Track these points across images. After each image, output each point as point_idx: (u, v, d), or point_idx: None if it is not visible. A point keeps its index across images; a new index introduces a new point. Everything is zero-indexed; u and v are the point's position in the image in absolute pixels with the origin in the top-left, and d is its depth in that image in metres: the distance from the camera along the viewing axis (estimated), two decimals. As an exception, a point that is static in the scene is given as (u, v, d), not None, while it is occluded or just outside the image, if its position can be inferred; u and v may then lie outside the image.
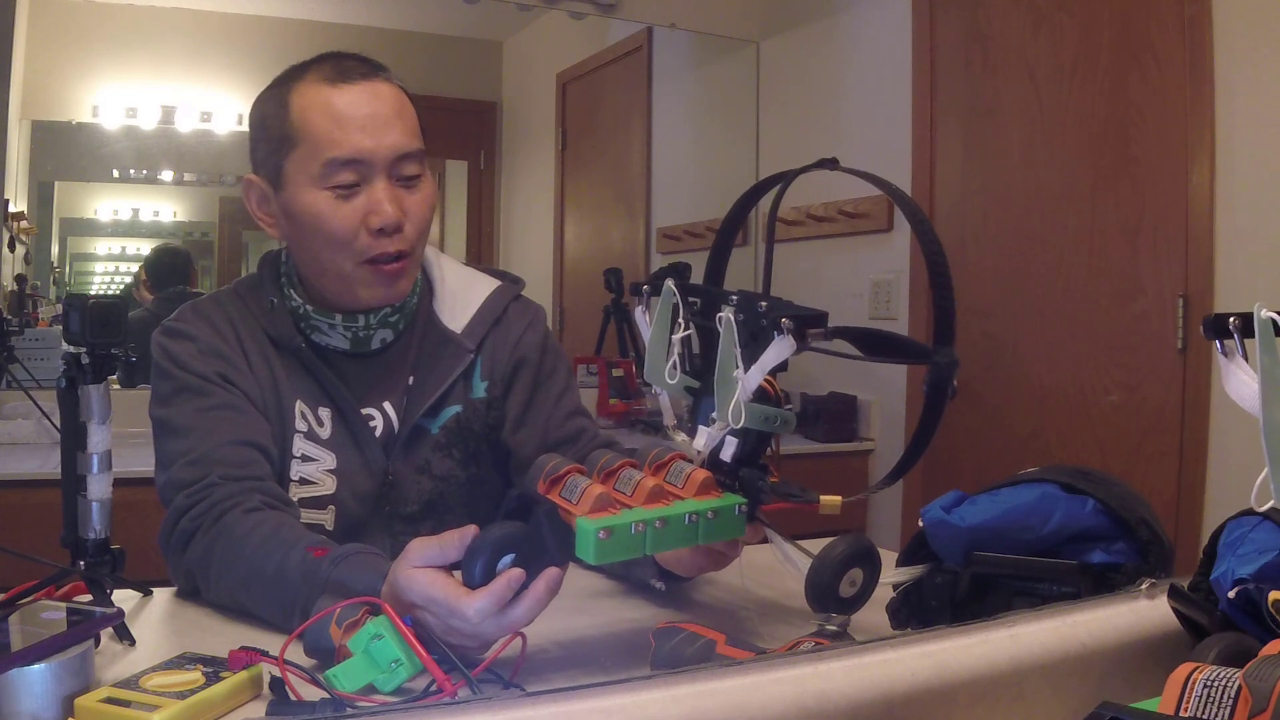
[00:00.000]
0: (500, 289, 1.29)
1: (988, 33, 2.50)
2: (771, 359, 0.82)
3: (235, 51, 2.92)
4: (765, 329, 0.83)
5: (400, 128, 1.12)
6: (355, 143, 1.10)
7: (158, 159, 2.87)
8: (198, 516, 1.02)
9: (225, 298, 1.22)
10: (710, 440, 0.87)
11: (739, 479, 0.87)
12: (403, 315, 1.21)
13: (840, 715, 0.62)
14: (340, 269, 1.14)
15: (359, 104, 1.11)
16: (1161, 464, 2.07)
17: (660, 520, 0.78)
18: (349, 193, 1.11)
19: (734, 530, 0.84)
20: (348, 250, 1.12)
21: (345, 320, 1.18)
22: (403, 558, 0.82)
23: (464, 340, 1.22)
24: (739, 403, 0.82)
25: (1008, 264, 2.44)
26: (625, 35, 3.38)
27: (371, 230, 1.11)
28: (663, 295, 0.89)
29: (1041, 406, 2.35)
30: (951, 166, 2.60)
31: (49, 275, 2.76)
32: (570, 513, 0.77)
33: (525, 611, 0.78)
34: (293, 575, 0.92)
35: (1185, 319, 2.03)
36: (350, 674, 0.74)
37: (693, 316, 0.90)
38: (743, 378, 0.82)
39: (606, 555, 0.76)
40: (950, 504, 0.89)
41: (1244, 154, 1.94)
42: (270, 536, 0.97)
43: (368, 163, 1.11)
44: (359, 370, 1.20)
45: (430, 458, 1.21)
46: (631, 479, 0.81)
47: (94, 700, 0.68)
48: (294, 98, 1.12)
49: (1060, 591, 0.84)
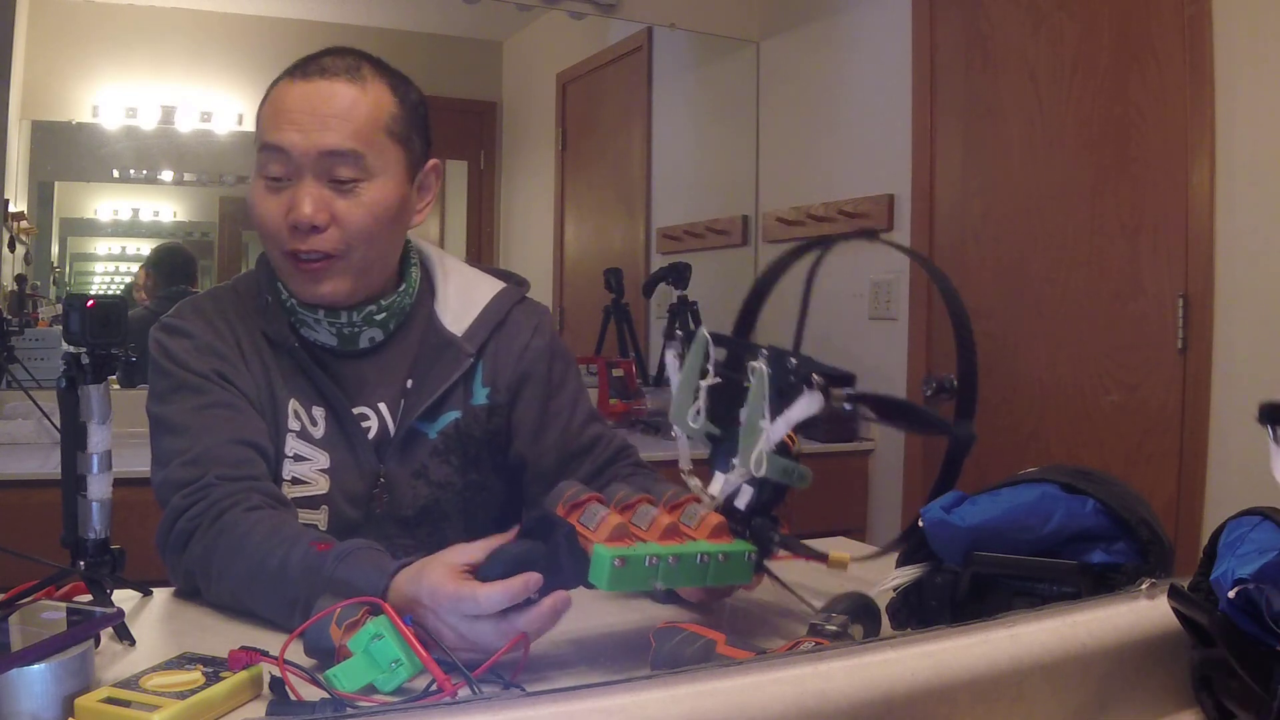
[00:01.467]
0: (504, 291, 1.27)
1: (988, 33, 2.50)
2: (799, 413, 0.85)
3: (235, 51, 2.92)
4: (793, 384, 0.86)
5: (338, 126, 1.10)
6: (283, 135, 1.10)
7: (158, 159, 2.87)
8: (196, 516, 1.02)
9: (223, 294, 1.22)
10: (727, 487, 0.89)
11: (750, 527, 0.90)
12: (391, 314, 1.20)
13: (840, 715, 0.62)
14: (274, 259, 1.16)
15: (302, 99, 1.11)
16: (1161, 464, 2.07)
17: (674, 556, 0.81)
18: (278, 185, 1.12)
19: (742, 576, 0.88)
20: (274, 241, 1.14)
21: (329, 316, 1.17)
22: (435, 557, 0.84)
23: (464, 344, 1.21)
24: (762, 452, 0.85)
25: (1008, 264, 2.44)
26: (625, 35, 3.38)
27: (289, 225, 1.12)
28: (695, 343, 0.92)
29: (1041, 406, 2.35)
30: (951, 166, 2.60)
31: (49, 275, 2.76)
32: (587, 539, 0.80)
33: (527, 623, 0.78)
34: (295, 571, 0.92)
35: (1185, 319, 2.03)
36: (350, 674, 0.74)
37: (720, 368, 0.93)
38: (768, 428, 0.85)
39: (619, 584, 0.79)
40: (950, 504, 0.89)
41: (1244, 154, 1.94)
42: (272, 534, 0.97)
43: (292, 157, 1.10)
44: (353, 369, 1.20)
45: (427, 463, 1.20)
46: (648, 514, 0.84)
47: (94, 700, 0.68)
48: (269, 91, 1.15)
49: (1060, 591, 0.84)
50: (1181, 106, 2.03)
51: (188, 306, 1.20)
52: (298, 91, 1.12)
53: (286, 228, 1.12)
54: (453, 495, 1.22)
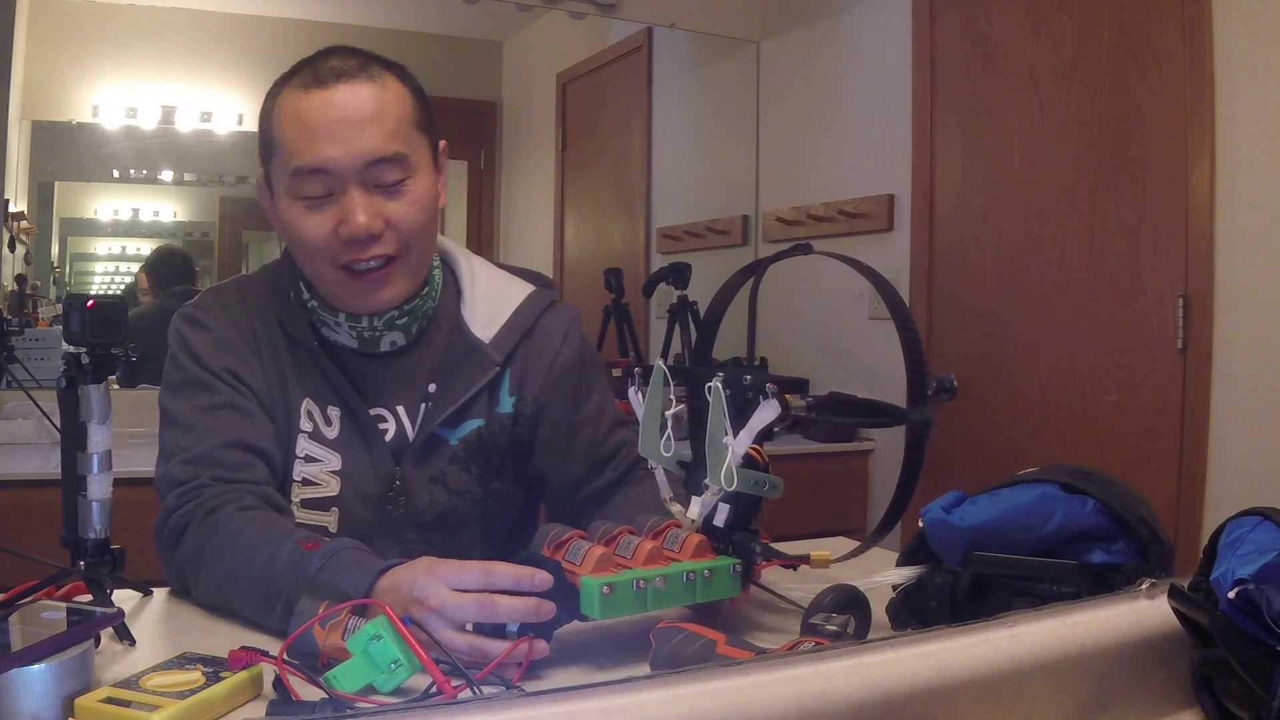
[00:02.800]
0: (533, 295, 1.24)
1: (988, 33, 2.50)
2: (758, 423, 0.89)
3: (235, 51, 2.92)
4: (751, 400, 0.90)
5: (375, 132, 1.07)
6: (321, 152, 1.05)
7: (158, 159, 2.86)
8: (187, 514, 1.03)
9: (249, 285, 1.20)
10: (704, 507, 0.93)
11: (732, 543, 0.92)
12: (413, 319, 1.17)
13: (840, 715, 0.62)
14: (322, 275, 1.12)
15: (328, 110, 1.06)
16: (1161, 464, 2.07)
17: (660, 579, 0.84)
18: (320, 202, 1.08)
19: (729, 589, 0.90)
20: (324, 256, 1.10)
21: (349, 320, 1.15)
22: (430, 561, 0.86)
23: (491, 351, 1.19)
24: (730, 467, 0.88)
25: (1008, 264, 2.44)
26: (625, 35, 3.38)
27: (343, 239, 1.08)
28: (654, 375, 0.95)
29: (1041, 406, 2.35)
30: (951, 166, 2.60)
31: (49, 275, 2.76)
32: (575, 573, 0.83)
33: (509, 609, 0.80)
34: (281, 568, 0.92)
35: (1185, 319, 2.03)
36: (350, 674, 0.74)
37: (682, 396, 0.98)
38: (732, 443, 0.89)
39: (610, 611, 0.82)
40: (950, 504, 0.89)
41: (1244, 154, 1.94)
42: (262, 532, 0.97)
43: (335, 172, 1.06)
44: (374, 371, 1.18)
45: (446, 470, 1.18)
46: (631, 544, 0.88)
47: (94, 700, 0.68)
48: (276, 103, 1.10)
49: (1060, 591, 0.84)
50: (1181, 106, 2.03)
51: (211, 296, 1.19)
52: (320, 102, 1.06)
53: (339, 243, 1.08)
54: (471, 503, 1.20)
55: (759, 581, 0.97)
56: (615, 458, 1.25)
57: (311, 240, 1.09)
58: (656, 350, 3.22)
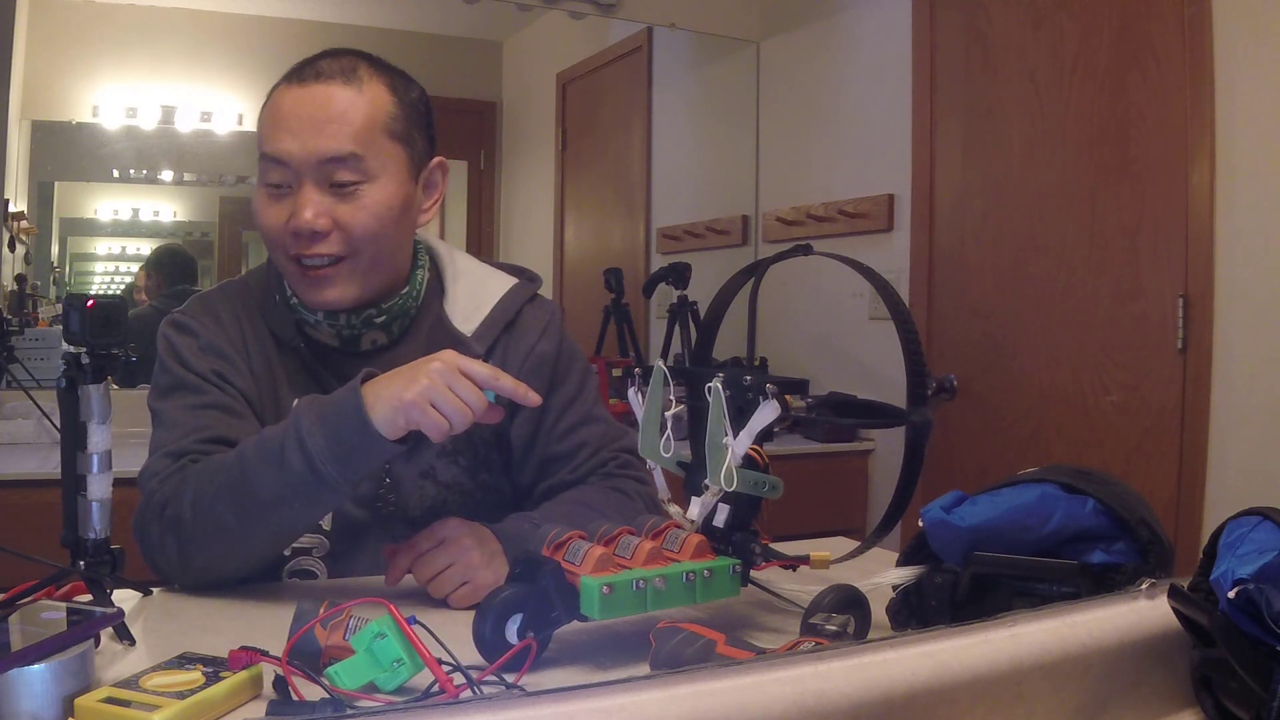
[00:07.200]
0: (515, 289, 1.26)
1: (988, 33, 2.50)
2: (759, 423, 0.88)
3: (235, 51, 2.92)
4: (751, 400, 0.90)
5: (334, 132, 1.10)
6: (280, 143, 1.10)
7: (158, 159, 2.87)
8: (168, 492, 1.04)
9: (235, 290, 1.23)
10: (704, 508, 0.92)
11: (732, 543, 0.93)
12: (392, 317, 1.19)
13: (840, 715, 0.62)
14: (281, 265, 1.17)
15: (298, 106, 1.11)
16: (1161, 464, 2.07)
17: (660, 579, 0.84)
18: (279, 192, 1.12)
19: (730, 590, 0.90)
20: (278, 246, 1.14)
21: (328, 318, 1.17)
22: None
23: (473, 344, 1.20)
24: (730, 468, 0.88)
25: (1008, 264, 2.44)
26: (625, 35, 3.38)
27: (290, 232, 1.11)
28: (654, 376, 0.95)
29: (1041, 406, 2.35)
30: (951, 166, 2.60)
31: (49, 275, 2.76)
32: (574, 573, 0.83)
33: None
34: (270, 433, 1.00)
35: (1185, 319, 2.03)
36: (352, 672, 0.74)
37: (681, 397, 0.99)
38: (732, 444, 0.88)
39: (610, 611, 0.82)
40: (950, 504, 0.89)
41: (1244, 154, 1.94)
42: (242, 445, 1.03)
43: (290, 166, 1.10)
44: (359, 369, 1.18)
45: (435, 464, 1.20)
46: (630, 544, 0.87)
47: (94, 700, 0.68)
48: (269, 95, 1.15)
49: (1060, 591, 0.84)
50: (1181, 106, 2.03)
51: (197, 303, 1.21)
52: (293, 98, 1.11)
53: (289, 234, 1.11)
54: (460, 496, 1.21)
55: (758, 582, 0.98)
56: (573, 458, 1.23)
57: (266, 229, 1.14)
58: (656, 350, 3.22)
